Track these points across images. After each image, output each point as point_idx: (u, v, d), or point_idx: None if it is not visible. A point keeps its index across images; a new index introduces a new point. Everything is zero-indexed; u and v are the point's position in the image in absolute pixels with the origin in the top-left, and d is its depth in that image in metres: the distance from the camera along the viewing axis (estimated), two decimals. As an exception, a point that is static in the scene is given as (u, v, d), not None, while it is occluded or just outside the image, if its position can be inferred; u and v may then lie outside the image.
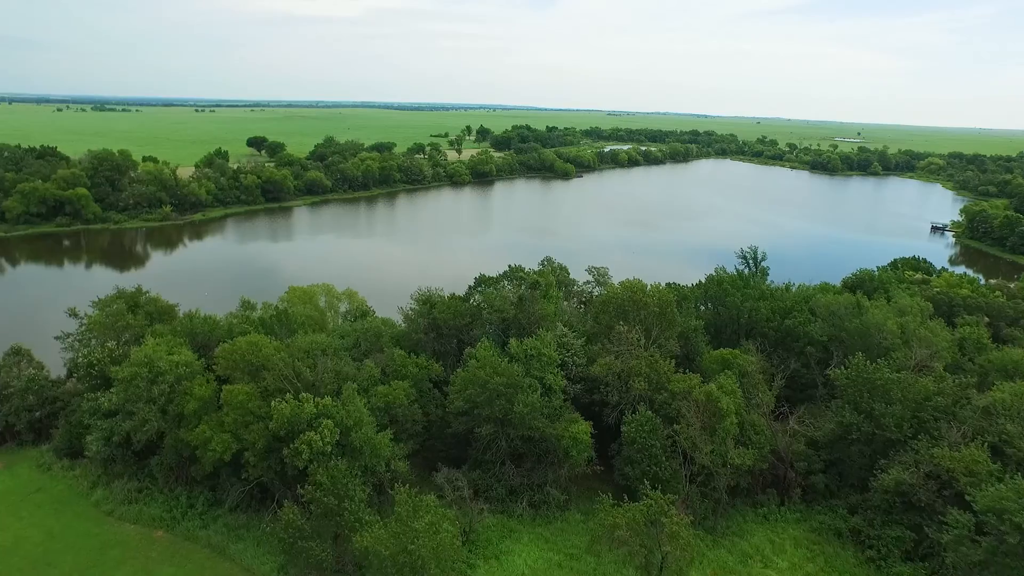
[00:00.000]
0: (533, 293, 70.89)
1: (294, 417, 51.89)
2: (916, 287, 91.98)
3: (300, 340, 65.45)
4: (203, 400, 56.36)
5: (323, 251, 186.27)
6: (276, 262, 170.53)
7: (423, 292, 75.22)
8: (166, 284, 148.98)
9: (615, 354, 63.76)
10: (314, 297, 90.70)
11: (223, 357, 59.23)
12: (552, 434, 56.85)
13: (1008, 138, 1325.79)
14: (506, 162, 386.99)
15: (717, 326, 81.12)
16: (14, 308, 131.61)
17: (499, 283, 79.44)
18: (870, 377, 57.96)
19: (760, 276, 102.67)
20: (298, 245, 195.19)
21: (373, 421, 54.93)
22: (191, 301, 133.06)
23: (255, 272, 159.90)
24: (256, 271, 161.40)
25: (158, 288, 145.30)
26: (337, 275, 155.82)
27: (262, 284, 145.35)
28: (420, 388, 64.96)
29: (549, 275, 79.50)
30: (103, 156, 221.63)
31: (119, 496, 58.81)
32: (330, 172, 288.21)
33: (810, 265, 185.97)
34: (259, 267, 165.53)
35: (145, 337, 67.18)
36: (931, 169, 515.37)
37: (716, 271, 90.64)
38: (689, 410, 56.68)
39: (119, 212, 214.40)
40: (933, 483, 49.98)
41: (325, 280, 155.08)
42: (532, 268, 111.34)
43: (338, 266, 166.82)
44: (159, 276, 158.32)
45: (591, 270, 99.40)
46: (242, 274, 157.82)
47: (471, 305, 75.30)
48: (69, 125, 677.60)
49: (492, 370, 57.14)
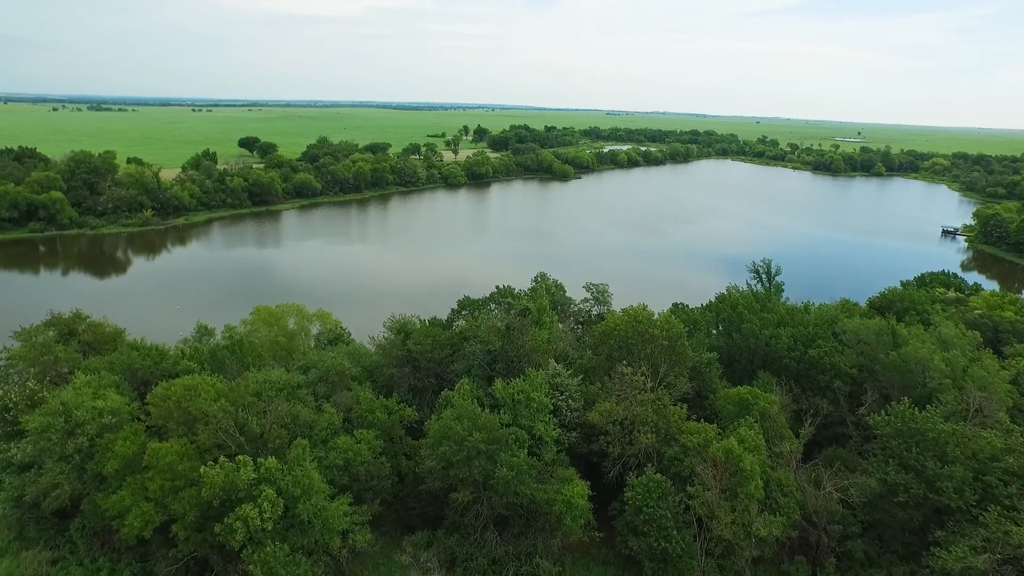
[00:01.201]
0: (523, 321, 61.79)
1: (229, 485, 42.84)
2: (952, 308, 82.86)
3: (251, 379, 56.33)
4: (126, 459, 47.23)
5: (308, 258, 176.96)
6: (257, 271, 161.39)
7: (396, 320, 66.14)
8: (133, 297, 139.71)
9: (617, 396, 54.71)
10: (282, 319, 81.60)
11: (155, 404, 50.17)
12: (542, 498, 47.79)
13: (1009, 138, 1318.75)
14: (503, 163, 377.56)
15: (730, 354, 72.12)
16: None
17: (485, 307, 70.36)
18: (919, 428, 48.93)
19: (775, 293, 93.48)
20: (282, 253, 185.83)
21: (326, 489, 45.84)
22: (158, 317, 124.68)
23: (233, 282, 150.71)
24: (235, 281, 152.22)
25: (124, 302, 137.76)
26: (320, 285, 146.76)
27: (239, 295, 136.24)
28: (391, 435, 56.00)
29: (542, 297, 70.27)
30: (80, 158, 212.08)
31: (28, 570, 49.66)
32: (320, 174, 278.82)
33: (822, 274, 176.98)
34: (239, 276, 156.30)
35: (75, 374, 58.10)
36: (935, 170, 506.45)
37: (728, 290, 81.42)
38: (705, 470, 47.65)
39: (97, 217, 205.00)
40: (1012, 570, 40.98)
41: (309, 290, 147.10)
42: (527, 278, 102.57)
43: (322, 275, 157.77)
44: (127, 287, 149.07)
45: (589, 287, 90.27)
46: (220, 285, 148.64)
47: (453, 333, 66.23)
48: (62, 125, 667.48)
49: (471, 423, 48.02)
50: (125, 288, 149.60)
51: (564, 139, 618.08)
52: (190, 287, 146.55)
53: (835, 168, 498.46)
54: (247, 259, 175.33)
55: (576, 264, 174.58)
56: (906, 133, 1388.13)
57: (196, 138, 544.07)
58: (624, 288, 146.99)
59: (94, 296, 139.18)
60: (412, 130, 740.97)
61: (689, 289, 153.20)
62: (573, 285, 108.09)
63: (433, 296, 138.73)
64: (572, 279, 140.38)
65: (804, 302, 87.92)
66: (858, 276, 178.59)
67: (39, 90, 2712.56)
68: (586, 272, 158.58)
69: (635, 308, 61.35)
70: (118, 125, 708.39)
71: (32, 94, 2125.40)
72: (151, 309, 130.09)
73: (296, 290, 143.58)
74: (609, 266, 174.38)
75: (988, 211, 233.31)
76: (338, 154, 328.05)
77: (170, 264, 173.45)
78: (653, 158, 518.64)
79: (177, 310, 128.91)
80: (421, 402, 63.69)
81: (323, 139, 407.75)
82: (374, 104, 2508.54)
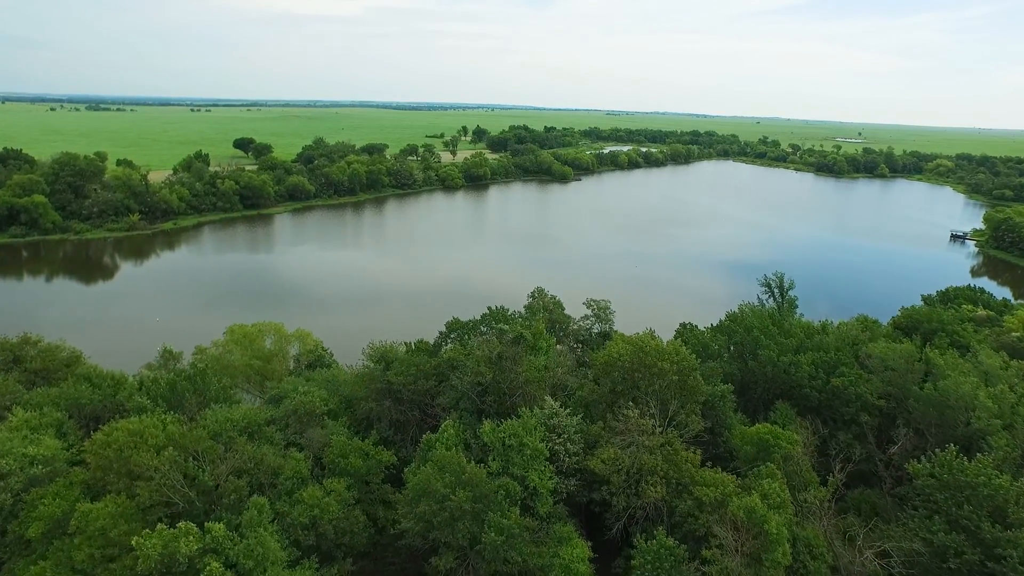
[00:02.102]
0: (516, 350, 55.41)
1: (167, 557, 36.48)
2: (984, 330, 76.48)
3: (211, 418, 49.98)
4: (53, 520, 40.84)
5: (297, 266, 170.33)
6: (243, 278, 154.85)
7: (377, 347, 59.70)
8: (110, 308, 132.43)
9: (621, 439, 48.36)
10: (258, 339, 75.27)
11: (94, 454, 43.81)
12: (536, 564, 41.41)
13: (1009, 138, 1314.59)
14: (501, 165, 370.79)
15: (744, 382, 65.73)
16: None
17: (476, 329, 63.99)
18: (970, 482, 42.59)
19: (788, 309, 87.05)
20: (271, 259, 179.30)
21: (283, 558, 39.41)
22: (133, 331, 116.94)
23: (217, 290, 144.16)
24: (219, 288, 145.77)
25: (100, 313, 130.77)
26: (308, 294, 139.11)
27: (223, 304, 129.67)
28: (367, 480, 49.65)
29: (539, 320, 63.70)
30: (65, 160, 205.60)
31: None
32: (314, 176, 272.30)
33: (829, 281, 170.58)
34: (224, 284, 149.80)
35: (13, 410, 51.77)
36: (939, 171, 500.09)
37: (741, 309, 74.96)
38: (723, 531, 41.29)
39: (82, 221, 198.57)
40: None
41: (296, 299, 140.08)
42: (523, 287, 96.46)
43: (310, 283, 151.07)
44: (106, 297, 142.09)
45: (590, 304, 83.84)
46: (203, 293, 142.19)
47: (440, 360, 59.82)
48: (57, 125, 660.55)
49: (454, 477, 41.65)
50: (104, 298, 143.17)
51: (564, 140, 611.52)
52: (172, 296, 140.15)
53: (838, 170, 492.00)
54: (234, 266, 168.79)
55: (575, 270, 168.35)
56: (907, 133, 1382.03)
57: (192, 139, 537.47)
58: (626, 297, 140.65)
59: (69, 307, 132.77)
60: (411, 130, 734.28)
61: (694, 298, 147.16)
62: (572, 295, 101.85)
63: (425, 307, 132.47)
64: (571, 287, 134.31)
65: (821, 321, 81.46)
66: (868, 284, 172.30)
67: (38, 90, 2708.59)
68: (586, 279, 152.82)
69: (641, 337, 54.83)
70: (114, 125, 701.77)
71: (31, 94, 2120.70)
72: (127, 321, 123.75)
73: (282, 300, 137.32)
74: (610, 272, 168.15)
75: (999, 215, 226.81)
76: (333, 155, 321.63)
77: (153, 271, 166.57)
78: (654, 159, 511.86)
79: (156, 322, 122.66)
80: (404, 437, 57.37)
81: (319, 140, 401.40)
82: (374, 104, 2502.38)
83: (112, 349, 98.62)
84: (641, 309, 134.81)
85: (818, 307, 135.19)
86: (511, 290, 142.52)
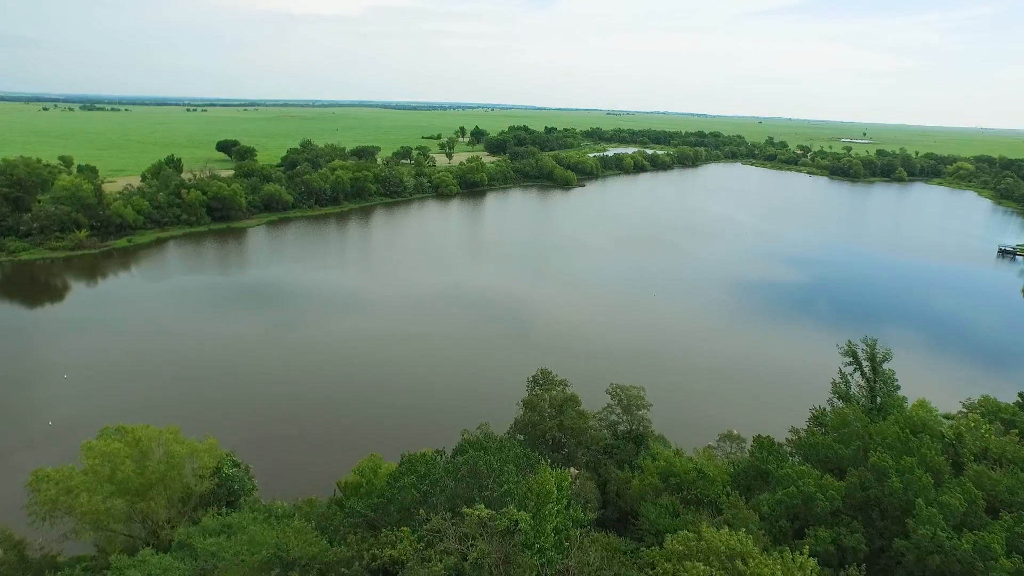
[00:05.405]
0: (506, 550, 31.56)
1: None
2: None
3: None
4: None
5: (260, 295, 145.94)
6: (189, 311, 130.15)
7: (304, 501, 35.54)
8: (7, 359, 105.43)
9: None
10: (125, 461, 50.51)
11: None
12: None
13: (1011, 138, 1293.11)
14: (499, 170, 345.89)
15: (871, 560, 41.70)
16: None
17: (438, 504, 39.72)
18: None
19: (886, 392, 62.58)
20: (231, 281, 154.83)
21: None
22: (34, 395, 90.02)
23: (159, 330, 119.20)
24: (160, 330, 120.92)
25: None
26: (257, 339, 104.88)
27: (156, 355, 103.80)
28: None
29: (546, 473, 38.64)
30: (2, 169, 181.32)
31: None
32: (294, 185, 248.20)
33: (875, 308, 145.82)
34: (165, 322, 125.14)
35: None
36: (960, 175, 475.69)
37: (830, 412, 50.56)
38: None
39: (20, 239, 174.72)
40: None
41: (248, 346, 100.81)
42: (516, 364, 72.93)
43: (263, 326, 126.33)
44: (8, 342, 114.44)
45: (615, 392, 59.50)
46: (133, 335, 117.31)
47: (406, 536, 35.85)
48: (42, 126, 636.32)
49: None
50: (6, 343, 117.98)
51: (565, 141, 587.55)
52: (92, 343, 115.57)
53: (853, 173, 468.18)
54: (179, 294, 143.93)
55: (581, 296, 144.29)
56: (911, 133, 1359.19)
57: (178, 140, 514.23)
58: (645, 345, 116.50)
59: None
60: (408, 131, 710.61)
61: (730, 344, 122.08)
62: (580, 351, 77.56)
63: (397, 374, 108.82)
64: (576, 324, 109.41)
65: (936, 412, 57.30)
66: (923, 314, 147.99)
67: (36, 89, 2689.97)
68: (593, 315, 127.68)
69: (710, 537, 30.54)
70: (101, 126, 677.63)
71: (29, 93, 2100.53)
72: (23, 381, 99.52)
73: (229, 345, 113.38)
74: (622, 304, 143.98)
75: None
76: (319, 160, 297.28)
77: (83, 305, 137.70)
78: (660, 162, 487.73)
79: (64, 379, 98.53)
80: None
81: (307, 142, 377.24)
82: (373, 104, 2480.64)
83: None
84: (667, 366, 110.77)
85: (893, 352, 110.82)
86: (502, 350, 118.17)
